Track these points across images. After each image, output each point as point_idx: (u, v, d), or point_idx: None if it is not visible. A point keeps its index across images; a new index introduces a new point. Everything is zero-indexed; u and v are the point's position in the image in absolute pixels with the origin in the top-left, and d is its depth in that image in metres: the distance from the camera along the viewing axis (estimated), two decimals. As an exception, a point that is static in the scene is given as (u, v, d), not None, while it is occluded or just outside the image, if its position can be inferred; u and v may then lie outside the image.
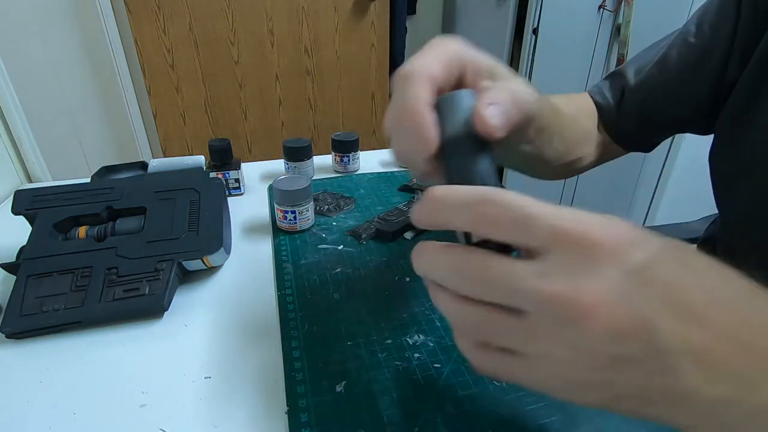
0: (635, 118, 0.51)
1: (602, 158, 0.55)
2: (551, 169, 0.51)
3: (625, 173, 1.70)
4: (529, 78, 1.41)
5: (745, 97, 0.43)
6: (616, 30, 1.41)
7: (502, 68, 0.27)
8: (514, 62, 1.47)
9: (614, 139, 0.53)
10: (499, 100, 0.23)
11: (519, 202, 0.20)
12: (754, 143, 0.42)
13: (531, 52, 1.38)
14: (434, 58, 0.24)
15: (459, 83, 0.26)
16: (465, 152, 0.22)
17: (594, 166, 0.55)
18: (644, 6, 1.36)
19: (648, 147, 0.55)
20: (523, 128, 0.30)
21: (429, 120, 0.23)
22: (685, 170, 1.67)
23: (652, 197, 1.77)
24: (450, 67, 0.25)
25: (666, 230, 0.73)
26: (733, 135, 0.44)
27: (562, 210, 0.20)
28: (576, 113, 0.49)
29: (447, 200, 0.21)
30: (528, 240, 0.20)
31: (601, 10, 1.37)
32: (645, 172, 1.71)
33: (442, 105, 0.23)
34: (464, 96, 0.23)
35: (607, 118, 0.53)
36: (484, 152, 0.22)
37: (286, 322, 0.38)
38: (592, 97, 0.55)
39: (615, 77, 0.53)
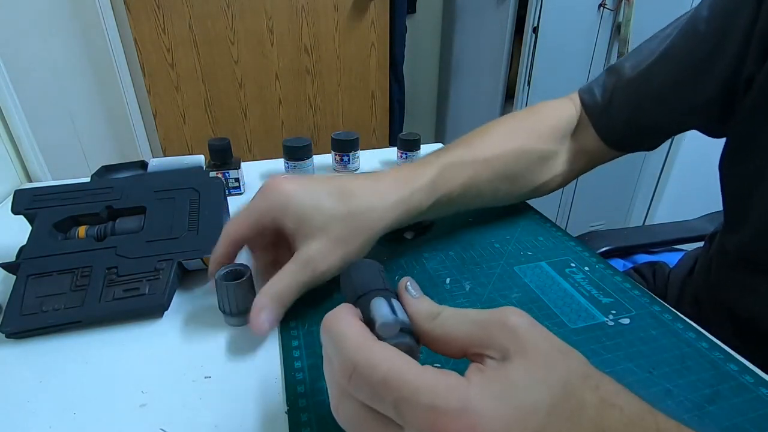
0: (623, 118, 0.48)
1: (592, 163, 0.53)
2: (509, 199, 0.50)
3: (625, 172, 1.70)
4: (529, 77, 1.41)
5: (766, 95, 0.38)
6: (617, 29, 1.41)
7: None
8: (514, 61, 1.47)
9: (603, 140, 0.50)
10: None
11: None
12: None
13: (531, 51, 1.38)
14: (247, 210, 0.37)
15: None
16: None
17: (579, 175, 0.53)
18: (644, 4, 1.36)
19: (642, 148, 0.51)
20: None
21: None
22: (685, 168, 1.67)
23: (653, 195, 1.77)
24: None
25: (666, 228, 0.73)
26: (752, 137, 0.40)
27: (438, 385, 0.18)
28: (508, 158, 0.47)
29: (323, 327, 0.23)
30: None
31: (602, 8, 1.37)
32: (645, 170, 1.71)
33: None
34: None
35: (596, 119, 0.50)
36: None
37: (286, 322, 0.38)
38: (580, 96, 0.52)
39: (610, 74, 0.50)
